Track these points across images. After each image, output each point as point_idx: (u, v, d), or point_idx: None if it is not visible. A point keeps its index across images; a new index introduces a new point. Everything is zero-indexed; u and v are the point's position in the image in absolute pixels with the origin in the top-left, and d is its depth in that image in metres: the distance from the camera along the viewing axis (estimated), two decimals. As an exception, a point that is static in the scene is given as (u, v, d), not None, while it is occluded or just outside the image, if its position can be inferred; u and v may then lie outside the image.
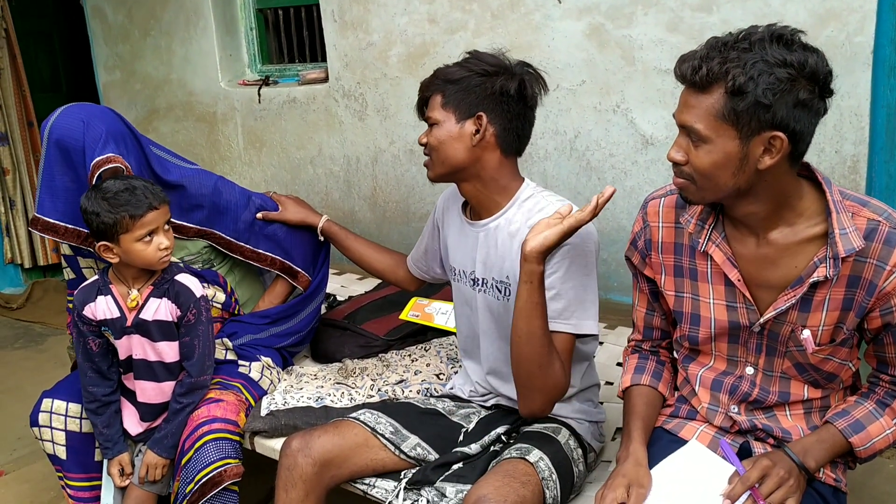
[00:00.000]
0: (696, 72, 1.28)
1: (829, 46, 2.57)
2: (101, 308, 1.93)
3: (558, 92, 3.08)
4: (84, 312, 1.94)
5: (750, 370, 1.51)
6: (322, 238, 2.31)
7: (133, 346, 1.95)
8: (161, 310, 1.92)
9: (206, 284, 2.18)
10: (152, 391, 1.99)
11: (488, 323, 1.79)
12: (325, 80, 3.80)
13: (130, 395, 2.03)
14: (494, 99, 1.65)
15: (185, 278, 1.95)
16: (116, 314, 1.93)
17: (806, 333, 1.40)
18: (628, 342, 1.77)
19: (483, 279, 1.76)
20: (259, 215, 2.26)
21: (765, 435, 1.50)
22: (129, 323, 1.92)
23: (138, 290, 1.93)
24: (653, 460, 1.51)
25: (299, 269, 2.33)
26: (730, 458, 1.41)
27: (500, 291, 1.72)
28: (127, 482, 2.00)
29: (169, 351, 1.96)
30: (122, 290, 1.94)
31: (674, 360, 1.73)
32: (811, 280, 1.36)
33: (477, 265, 1.77)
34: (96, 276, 1.99)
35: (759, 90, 1.24)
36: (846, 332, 1.40)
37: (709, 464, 1.44)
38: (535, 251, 1.47)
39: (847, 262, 1.34)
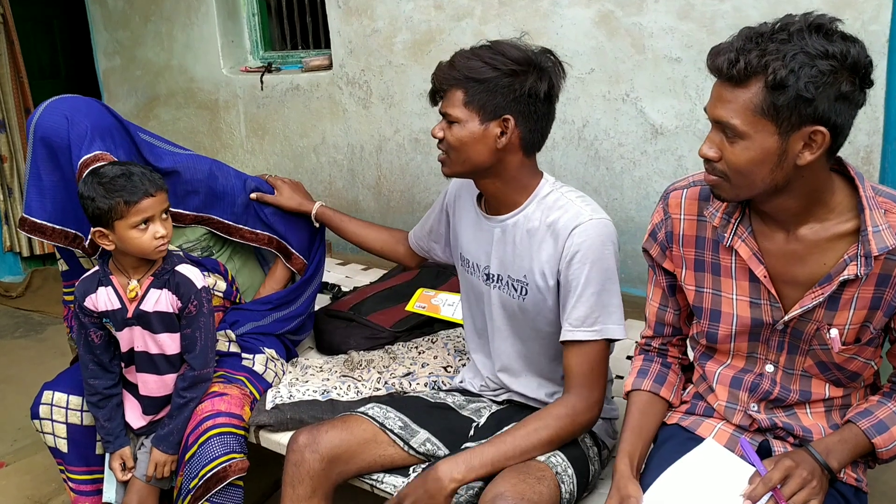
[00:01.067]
0: (734, 65, 1.22)
1: (845, 35, 2.53)
2: (102, 299, 1.90)
3: (566, 80, 3.04)
4: (85, 304, 1.91)
5: (770, 368, 1.48)
6: (317, 224, 2.28)
7: (134, 338, 1.92)
8: (162, 301, 1.89)
9: (206, 273, 2.15)
10: (154, 384, 1.96)
11: (502, 320, 1.75)
12: (329, 67, 3.76)
13: (132, 388, 2.00)
14: (522, 101, 1.57)
15: (185, 269, 1.92)
16: (117, 305, 1.90)
17: (833, 333, 1.37)
18: (640, 338, 1.74)
19: (499, 276, 1.72)
20: (253, 196, 2.22)
21: (785, 433, 1.47)
22: (129, 314, 1.89)
23: (138, 280, 1.90)
24: (668, 458, 1.47)
25: (294, 251, 2.31)
26: (750, 457, 1.38)
27: (516, 290, 1.69)
28: (129, 476, 1.97)
29: (170, 343, 1.92)
30: (123, 280, 1.91)
31: (682, 360, 1.69)
32: (841, 278, 1.32)
33: (492, 261, 1.73)
34: (97, 267, 1.95)
35: (801, 83, 1.18)
36: (873, 331, 1.37)
37: (726, 463, 1.41)
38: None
39: (878, 260, 1.30)
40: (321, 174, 3.94)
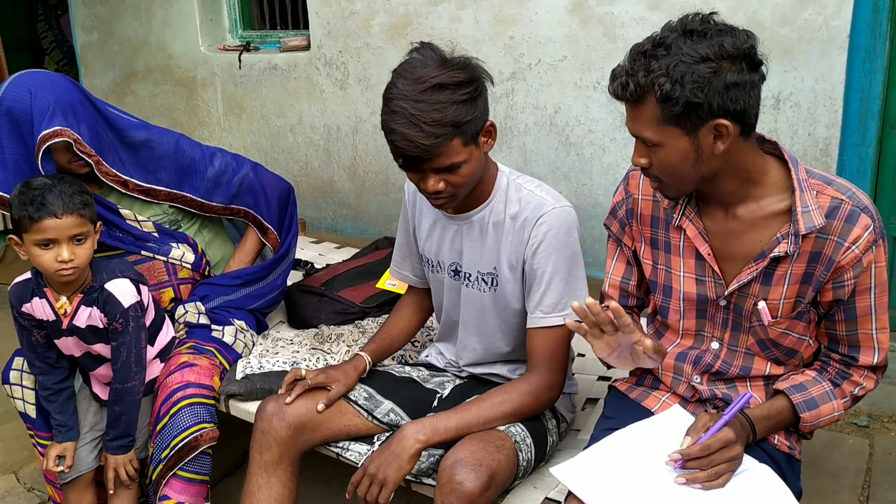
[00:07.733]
0: (626, 89, 1.32)
1: (807, 29, 2.61)
2: (38, 309, 1.89)
3: (540, 67, 3.09)
4: (23, 310, 1.90)
5: (715, 345, 1.56)
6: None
7: (71, 347, 1.94)
8: (94, 316, 1.88)
9: (175, 244, 2.20)
10: (107, 371, 1.98)
11: (468, 313, 1.80)
12: (307, 47, 3.78)
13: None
14: (483, 120, 1.59)
15: (115, 286, 1.87)
16: (52, 317, 1.88)
17: (761, 305, 1.45)
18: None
19: (468, 273, 1.77)
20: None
21: (724, 404, 1.55)
22: (64, 326, 1.89)
23: (68, 297, 1.87)
24: (615, 421, 1.56)
25: (268, 225, 2.35)
26: (733, 407, 1.39)
27: (486, 283, 1.74)
28: (60, 469, 1.97)
29: (106, 351, 1.94)
30: (55, 294, 1.87)
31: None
32: (772, 255, 1.41)
33: (460, 258, 1.77)
34: (28, 275, 1.91)
35: (688, 91, 1.27)
36: (803, 305, 1.45)
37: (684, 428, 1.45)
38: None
39: (809, 238, 1.39)
40: (297, 154, 3.97)
